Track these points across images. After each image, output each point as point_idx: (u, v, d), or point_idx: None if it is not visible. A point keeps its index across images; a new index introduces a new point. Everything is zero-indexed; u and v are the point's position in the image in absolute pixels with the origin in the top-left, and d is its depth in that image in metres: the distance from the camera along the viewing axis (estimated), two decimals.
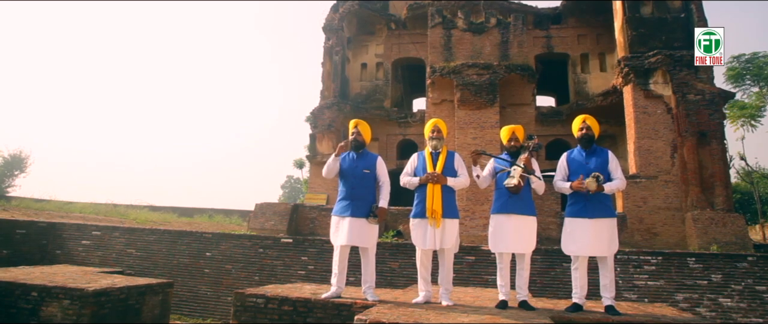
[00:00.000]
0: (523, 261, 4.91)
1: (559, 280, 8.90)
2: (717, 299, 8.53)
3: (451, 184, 4.99)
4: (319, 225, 16.63)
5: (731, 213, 13.85)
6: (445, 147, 5.22)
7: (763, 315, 8.37)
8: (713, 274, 8.68)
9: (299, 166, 36.88)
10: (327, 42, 21.24)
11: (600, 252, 4.71)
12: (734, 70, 24.30)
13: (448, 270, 5.01)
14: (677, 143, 14.58)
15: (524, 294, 4.86)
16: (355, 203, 4.97)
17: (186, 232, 10.73)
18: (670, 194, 14.55)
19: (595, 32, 20.05)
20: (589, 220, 4.72)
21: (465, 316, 4.14)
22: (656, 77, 14.89)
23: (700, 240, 13.22)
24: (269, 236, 10.44)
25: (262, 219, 15.98)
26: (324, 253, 9.55)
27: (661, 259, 8.88)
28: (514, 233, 4.82)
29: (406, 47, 22.35)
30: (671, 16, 15.45)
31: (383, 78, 22.38)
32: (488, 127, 16.53)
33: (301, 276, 9.57)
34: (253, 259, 9.94)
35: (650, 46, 15.22)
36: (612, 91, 17.28)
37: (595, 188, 4.61)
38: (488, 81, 16.47)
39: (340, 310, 4.70)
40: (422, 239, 4.92)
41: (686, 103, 14.40)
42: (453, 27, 17.64)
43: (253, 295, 4.93)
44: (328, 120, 20.25)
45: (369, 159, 5.18)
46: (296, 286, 5.83)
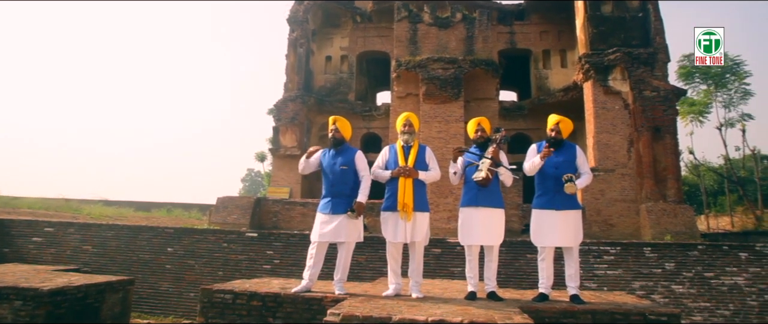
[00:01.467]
0: (491, 253, 4.98)
1: (523, 271, 9.12)
2: (670, 286, 8.95)
3: (423, 178, 5.00)
4: (282, 218, 16.45)
5: (681, 204, 14.50)
6: (416, 141, 5.23)
7: (710, 299, 8.84)
8: (667, 262, 9.10)
9: (261, 159, 36.40)
10: (291, 34, 20.93)
11: (566, 243, 4.84)
12: (685, 69, 25.36)
13: (418, 263, 5.03)
14: (633, 138, 15.13)
15: (493, 285, 4.93)
16: (334, 200, 4.95)
17: (146, 227, 10.40)
18: (626, 187, 15.09)
19: (557, 29, 20.51)
20: (557, 212, 4.84)
21: (436, 307, 4.17)
22: (615, 74, 15.39)
23: (653, 230, 13.78)
24: (233, 230, 10.26)
25: (224, 213, 15.67)
26: (290, 246, 9.46)
27: (619, 249, 9.23)
28: (482, 226, 4.88)
29: (372, 41, 22.27)
30: (630, 15, 15.97)
31: (348, 71, 22.25)
32: (453, 121, 16.70)
33: (267, 270, 9.45)
34: (217, 254, 9.74)
35: (610, 43, 15.70)
36: (573, 87, 17.74)
37: (574, 191, 4.74)
38: (453, 75, 16.62)
39: (311, 305, 4.65)
40: (393, 232, 4.92)
41: (642, 100, 14.95)
42: (419, 21, 17.70)
43: (220, 290, 4.82)
44: (292, 113, 20.00)
45: (348, 155, 5.12)
46: (264, 280, 5.74)
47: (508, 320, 3.63)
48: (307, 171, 5.19)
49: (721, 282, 9.01)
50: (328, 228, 4.88)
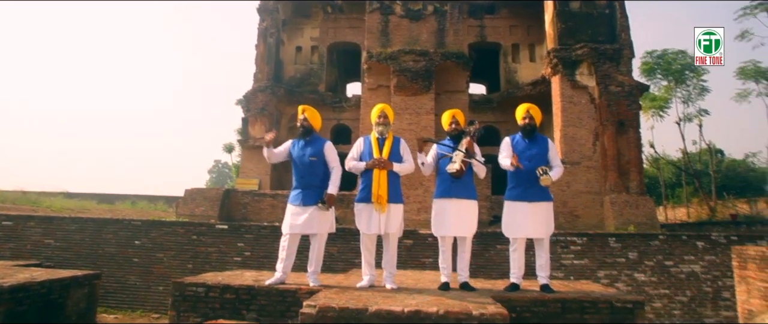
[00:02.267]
0: (464, 244, 5.04)
1: (493, 261, 9.29)
2: (632, 274, 9.30)
3: (397, 170, 5.02)
4: (251, 210, 16.26)
5: (643, 196, 15.01)
6: (390, 133, 5.23)
7: (669, 287, 9.24)
8: (630, 252, 9.44)
9: (228, 150, 35.81)
10: (261, 23, 20.58)
11: (538, 234, 4.94)
12: (647, 65, 26.20)
13: (392, 254, 5.06)
14: (599, 131, 15.54)
15: (465, 276, 5.00)
16: (305, 192, 4.93)
17: (112, 219, 10.11)
18: (591, 179, 15.51)
19: (526, 24, 20.79)
20: (529, 204, 4.93)
21: (411, 298, 4.21)
22: (582, 69, 15.74)
23: (616, 221, 14.23)
24: (203, 223, 10.06)
25: (192, 205, 15.38)
26: (261, 239, 9.36)
27: (586, 239, 9.51)
28: (456, 217, 4.93)
29: (343, 31, 22.12)
30: (597, 11, 16.33)
31: (318, 62, 22.06)
32: (424, 113, 16.79)
33: (238, 263, 9.34)
34: (187, 247, 9.56)
35: (577, 39, 16.03)
36: (541, 81, 18.05)
37: (550, 183, 4.82)
38: (424, 67, 16.68)
39: (285, 297, 4.63)
40: (367, 224, 4.93)
41: (608, 94, 15.36)
42: (391, 13, 17.65)
43: (192, 283, 4.74)
44: (262, 103, 19.74)
45: (317, 145, 5.09)
46: (236, 273, 5.68)
47: (482, 310, 3.70)
48: (274, 160, 5.18)
49: (679, 270, 9.43)
50: (300, 220, 4.86)
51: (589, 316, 4.49)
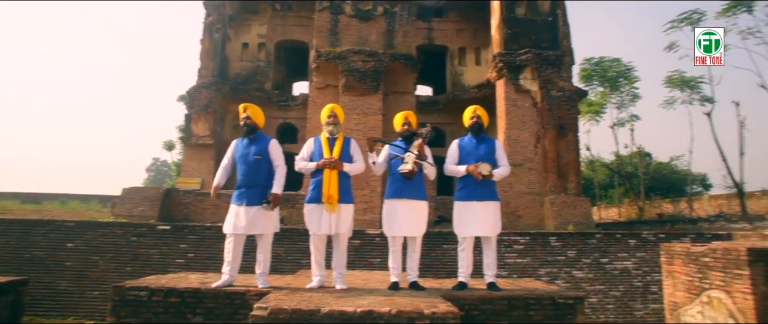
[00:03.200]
0: (414, 243, 5.10)
1: (439, 261, 9.45)
2: (571, 272, 9.75)
3: (348, 170, 5.02)
4: (194, 210, 15.74)
5: (580, 197, 15.74)
6: (341, 132, 5.23)
7: (604, 283, 9.76)
8: (569, 250, 9.88)
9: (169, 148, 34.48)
10: (207, 18, 19.95)
11: (486, 233, 5.06)
12: (585, 71, 27.49)
13: (342, 254, 5.05)
14: (540, 134, 16.14)
15: (415, 275, 5.05)
16: (249, 191, 4.83)
17: (42, 221, 9.46)
18: (532, 180, 16.08)
19: (473, 28, 21.29)
20: (478, 203, 5.05)
21: (362, 298, 4.21)
22: (526, 73, 16.29)
23: (555, 221, 14.84)
24: (144, 223, 9.61)
25: (129, 205, 14.69)
26: (205, 240, 9.07)
27: (528, 239, 9.87)
28: (406, 217, 4.98)
29: (291, 29, 21.83)
30: (541, 18, 16.95)
31: (265, 59, 21.67)
32: (371, 113, 16.83)
33: (181, 265, 9.00)
34: (125, 249, 9.10)
35: (522, 44, 16.56)
36: (486, 84, 18.54)
37: (489, 171, 4.94)
38: (373, 68, 16.73)
39: (233, 299, 4.51)
40: (317, 224, 4.90)
41: (549, 99, 15.98)
42: (340, 12, 17.58)
43: (134, 287, 4.52)
44: (206, 100, 19.14)
45: (262, 143, 5.01)
46: (180, 275, 5.48)
47: (433, 309, 3.76)
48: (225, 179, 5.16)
49: (614, 266, 9.99)
50: (244, 220, 4.76)
51: (534, 313, 4.65)
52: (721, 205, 24.60)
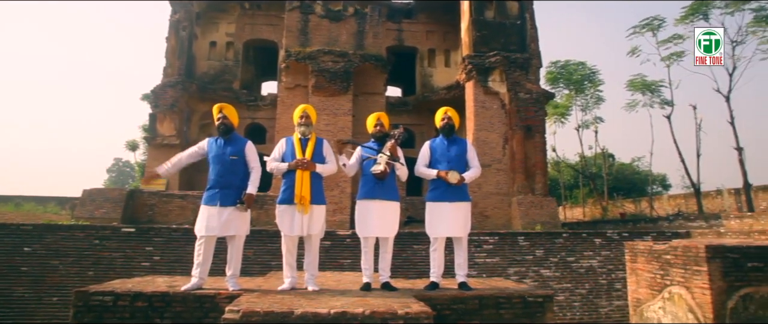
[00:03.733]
0: (386, 244, 5.11)
1: (410, 261, 9.48)
2: (539, 271, 9.96)
3: (320, 171, 5.00)
4: (159, 212, 15.35)
5: (547, 197, 16.08)
6: (313, 133, 5.20)
7: (571, 281, 10.01)
8: (537, 249, 10.09)
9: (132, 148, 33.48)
10: (173, 15, 19.49)
11: (457, 233, 5.11)
12: (552, 74, 28.16)
13: (314, 256, 5.03)
14: (508, 136, 16.41)
15: (387, 275, 5.06)
16: (223, 192, 4.74)
17: None
18: (500, 181, 16.33)
19: (442, 30, 21.48)
20: (449, 204, 5.09)
21: (335, 299, 4.19)
22: (494, 76, 16.54)
23: (523, 221, 15.12)
24: (107, 226, 9.30)
25: (91, 207, 14.21)
26: (172, 242, 8.84)
27: (497, 239, 10.03)
28: (379, 218, 4.99)
29: (260, 28, 21.57)
30: (509, 21, 17.24)
31: (233, 58, 21.33)
32: (341, 114, 16.77)
33: (146, 268, 8.74)
34: (87, 253, 8.76)
35: (491, 47, 16.80)
36: (455, 86, 18.73)
37: (457, 180, 4.99)
38: (343, 69, 16.68)
39: (203, 303, 4.42)
40: (289, 225, 4.86)
41: (517, 101, 16.27)
42: (311, 12, 17.46)
43: (99, 292, 4.37)
44: (172, 99, 18.71)
45: (238, 144, 4.96)
46: (147, 279, 5.33)
47: (407, 309, 3.77)
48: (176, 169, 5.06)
49: (580, 265, 10.25)
50: (217, 221, 4.66)
51: (504, 311, 4.72)
52: (680, 204, 25.59)
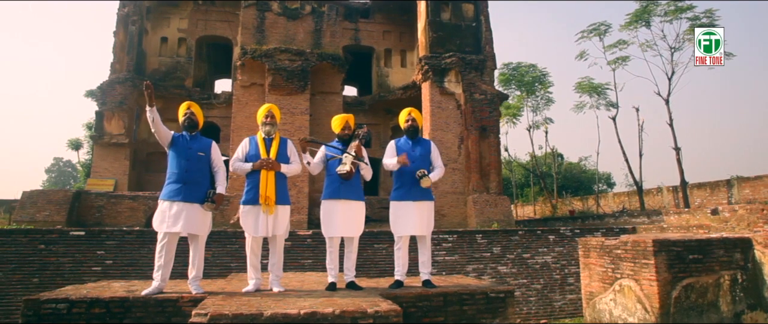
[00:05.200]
0: (351, 244, 5.14)
1: (371, 260, 9.53)
2: (496, 267, 10.23)
3: (285, 171, 4.98)
4: (107, 214, 14.73)
5: (501, 196, 16.51)
6: (277, 133, 5.18)
7: (527, 276, 10.35)
8: (494, 247, 10.36)
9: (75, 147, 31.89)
10: (122, 9, 18.71)
11: (421, 231, 5.21)
12: (504, 76, 28.90)
13: (279, 257, 5.01)
14: (464, 136, 16.73)
15: (352, 275, 5.10)
16: (188, 187, 4.61)
17: None
18: (456, 180, 16.63)
19: (399, 30, 21.64)
20: (413, 203, 5.18)
21: (302, 300, 4.18)
22: (450, 77, 16.82)
23: (478, 219, 15.46)
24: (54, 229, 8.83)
25: (32, 209, 13.46)
26: (125, 245, 8.50)
27: (456, 237, 10.23)
28: (344, 218, 5.02)
29: (213, 24, 21.05)
30: (465, 24, 17.57)
31: (185, 55, 20.72)
32: (298, 113, 16.62)
33: (98, 273, 8.36)
34: (31, 258, 8.28)
35: (447, 48, 17.07)
36: (411, 86, 18.93)
37: (430, 184, 5.09)
38: (300, 67, 16.53)
39: (165, 307, 4.30)
40: (254, 226, 4.81)
41: (473, 102, 16.61)
42: (267, 9, 17.19)
43: (51, 300, 4.17)
44: (120, 96, 18.00)
45: (203, 142, 4.90)
46: (101, 284, 5.13)
47: (376, 307, 3.81)
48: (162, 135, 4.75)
49: (535, 261, 10.61)
50: (182, 218, 4.52)
51: (468, 307, 4.85)
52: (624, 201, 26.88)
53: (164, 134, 4.74)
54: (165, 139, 4.76)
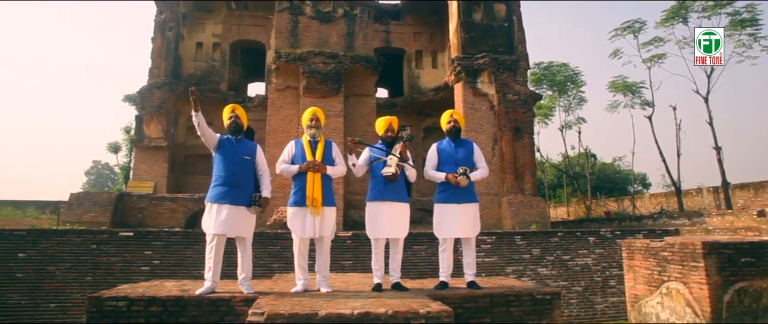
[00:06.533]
0: (397, 245, 5.17)
1: (410, 261, 9.54)
2: (536, 269, 10.12)
3: (330, 173, 5.04)
4: (149, 215, 15.19)
5: (536, 197, 16.31)
6: (322, 136, 5.24)
7: (567, 279, 10.20)
8: (534, 248, 10.25)
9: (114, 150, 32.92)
10: (159, 15, 19.28)
11: (466, 234, 5.20)
12: (535, 75, 28.52)
13: (326, 257, 5.06)
14: (497, 136, 16.61)
15: (398, 276, 5.11)
16: (234, 190, 4.69)
17: None
18: (490, 181, 16.51)
19: (429, 31, 21.63)
20: (457, 205, 5.18)
21: (352, 301, 4.23)
22: (483, 77, 16.72)
23: (513, 220, 15.32)
24: (105, 230, 9.17)
25: (79, 210, 14.00)
26: (171, 245, 8.75)
27: (495, 238, 10.16)
28: (390, 219, 5.04)
29: (247, 29, 21.44)
30: (497, 23, 17.46)
31: (220, 59, 21.18)
32: (332, 115, 16.79)
33: (146, 272, 8.63)
34: (84, 258, 8.61)
35: (479, 48, 16.98)
36: (443, 87, 18.89)
37: (467, 183, 5.09)
38: (334, 70, 16.70)
39: (218, 306, 4.41)
40: (301, 227, 4.88)
41: (506, 102, 16.48)
42: (300, 13, 17.44)
43: (112, 298, 4.34)
44: (158, 101, 18.52)
45: (249, 146, 4.97)
46: (154, 283, 5.29)
47: (427, 308, 3.84)
48: (208, 137, 4.81)
49: (575, 263, 10.45)
50: (231, 220, 4.62)
51: (514, 309, 4.82)
52: (661, 202, 26.16)
53: (210, 138, 4.82)
54: (211, 142, 4.85)
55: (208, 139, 4.83)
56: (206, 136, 4.80)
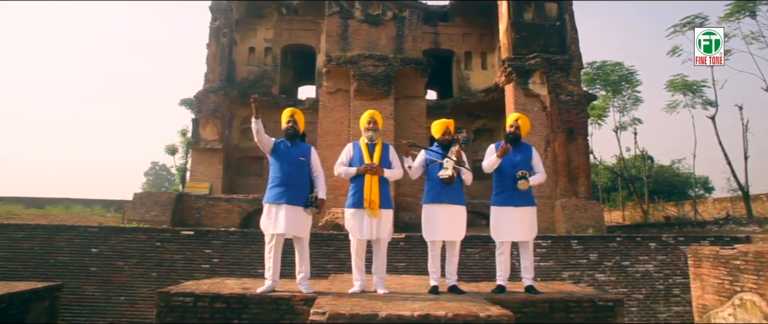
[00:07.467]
0: (453, 248, 5.15)
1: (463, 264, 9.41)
2: (594, 275, 9.81)
3: (388, 176, 5.07)
4: (205, 215, 15.78)
5: (591, 200, 15.81)
6: (380, 138, 5.28)
7: (627, 286, 9.83)
8: (591, 253, 9.94)
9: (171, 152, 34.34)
10: (213, 22, 20.01)
11: (523, 237, 5.13)
12: (588, 75, 27.61)
13: (383, 259, 5.09)
14: (550, 138, 16.20)
15: (454, 279, 5.09)
16: (290, 191, 4.81)
17: (66, 226, 9.46)
18: (542, 184, 16.09)
19: (478, 32, 21.39)
20: (515, 209, 5.12)
21: (412, 303, 4.24)
22: (535, 78, 16.36)
23: (567, 224, 14.90)
24: (168, 229, 9.63)
25: (141, 209, 14.72)
26: (229, 245, 9.07)
27: (550, 242, 9.93)
28: (446, 222, 5.03)
29: (297, 33, 21.92)
30: (548, 23, 17.04)
31: (271, 63, 21.74)
32: (383, 117, 16.85)
33: (206, 270, 8.99)
34: (150, 254, 9.08)
35: (530, 49, 16.62)
36: (493, 88, 18.62)
37: (526, 186, 5.02)
38: (384, 73, 16.80)
39: (279, 305, 4.53)
40: (359, 229, 4.94)
41: (559, 103, 16.05)
42: (350, 17, 17.66)
43: (179, 293, 4.55)
44: (214, 105, 19.20)
45: (304, 148, 5.09)
46: (216, 281, 5.50)
47: (487, 311, 3.79)
48: (264, 142, 4.94)
49: (635, 269, 10.05)
50: (289, 220, 4.73)
51: (575, 315, 4.70)
52: (726, 207, 24.74)
53: (266, 143, 4.96)
54: (267, 147, 4.99)
55: (265, 145, 4.99)
56: (263, 141, 4.95)
